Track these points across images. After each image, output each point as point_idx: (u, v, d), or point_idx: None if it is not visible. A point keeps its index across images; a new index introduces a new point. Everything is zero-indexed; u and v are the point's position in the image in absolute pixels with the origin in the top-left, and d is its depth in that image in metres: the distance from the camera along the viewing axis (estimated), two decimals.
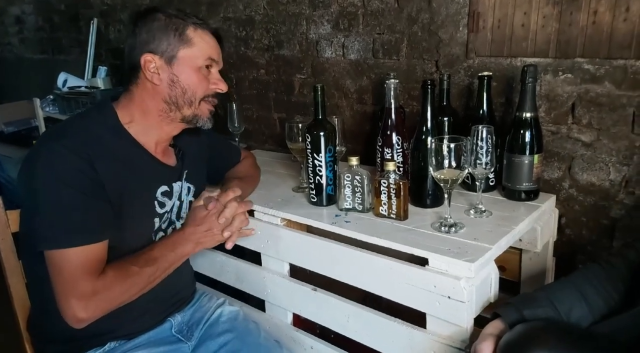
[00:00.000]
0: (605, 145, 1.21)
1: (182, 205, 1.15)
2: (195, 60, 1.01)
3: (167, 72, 1.00)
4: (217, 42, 1.07)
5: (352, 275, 1.12)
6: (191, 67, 1.01)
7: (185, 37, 1.00)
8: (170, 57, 1.00)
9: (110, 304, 0.93)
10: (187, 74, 1.01)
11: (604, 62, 1.16)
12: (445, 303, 0.95)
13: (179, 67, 1.01)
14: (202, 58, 1.02)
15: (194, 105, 1.04)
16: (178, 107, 1.03)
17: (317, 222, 1.18)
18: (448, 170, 1.04)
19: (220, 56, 1.07)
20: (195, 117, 1.06)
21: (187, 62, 1.01)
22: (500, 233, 1.04)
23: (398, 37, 1.54)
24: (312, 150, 1.23)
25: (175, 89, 1.01)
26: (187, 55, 1.01)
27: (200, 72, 1.03)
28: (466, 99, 1.43)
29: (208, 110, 1.07)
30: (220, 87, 1.07)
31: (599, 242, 1.26)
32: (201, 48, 1.02)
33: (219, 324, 1.17)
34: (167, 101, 1.02)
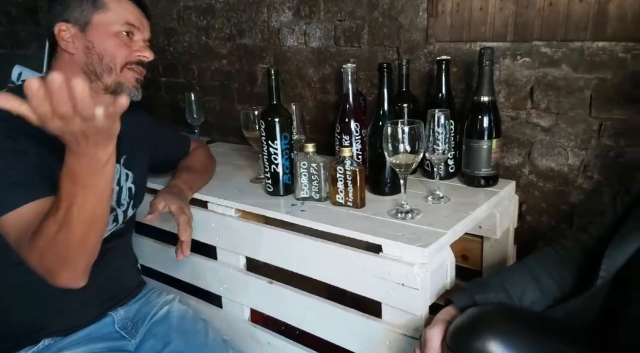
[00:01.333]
0: (563, 130, 1.19)
1: (122, 191, 1.08)
2: (111, 25, 0.97)
3: (81, 40, 0.95)
4: (140, 9, 1.02)
5: (309, 266, 1.08)
6: (107, 32, 0.97)
7: (99, 2, 0.96)
8: (84, 24, 0.95)
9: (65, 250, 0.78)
10: (102, 39, 0.96)
11: (560, 44, 1.15)
12: (399, 290, 0.92)
13: (94, 33, 0.96)
14: (118, 23, 0.97)
15: (115, 71, 0.98)
16: (97, 75, 0.97)
17: (272, 212, 1.14)
18: (403, 155, 1.00)
19: (143, 23, 1.02)
20: (119, 85, 0.99)
21: (102, 27, 0.96)
22: (457, 219, 1.01)
23: (359, 23, 1.50)
24: (266, 137, 1.18)
25: (92, 56, 0.96)
26: (101, 20, 0.96)
27: (118, 38, 0.98)
28: (427, 86, 1.40)
29: (134, 78, 1.01)
30: (145, 54, 1.01)
31: (559, 228, 1.25)
32: (117, 12, 0.97)
33: (165, 322, 1.11)
34: (85, 71, 0.96)
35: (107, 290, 1.09)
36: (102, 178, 0.75)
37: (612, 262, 0.73)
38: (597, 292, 0.75)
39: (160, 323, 1.11)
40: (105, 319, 1.06)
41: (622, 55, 1.08)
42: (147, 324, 1.11)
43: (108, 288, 1.09)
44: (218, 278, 1.27)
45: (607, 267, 0.73)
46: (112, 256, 1.09)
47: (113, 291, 1.11)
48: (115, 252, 1.11)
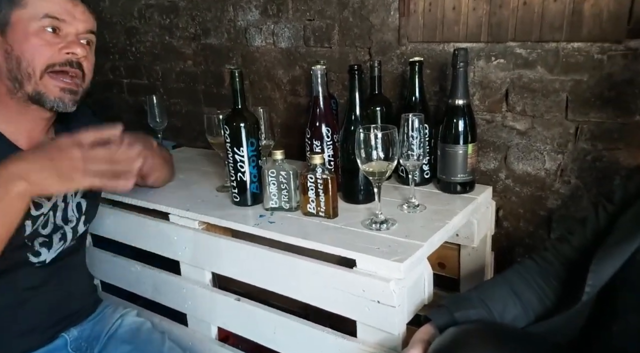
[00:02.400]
0: (539, 133, 1.16)
1: (68, 208, 0.99)
2: (30, 22, 0.83)
3: (1, 44, 0.84)
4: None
5: (279, 282, 1.01)
6: (25, 31, 0.83)
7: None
8: (4, 25, 0.84)
9: None
10: (20, 40, 0.84)
11: (535, 45, 1.11)
12: (375, 308, 0.86)
13: (13, 34, 0.84)
14: (37, 17, 0.83)
15: (35, 78, 0.85)
16: (19, 83, 0.85)
17: (238, 224, 1.06)
18: (377, 162, 0.95)
19: (74, 13, 0.86)
20: (40, 95, 0.86)
21: (20, 26, 0.83)
22: (433, 229, 0.96)
23: (329, 23, 1.44)
24: (232, 144, 1.10)
25: (11, 61, 0.84)
26: (19, 18, 0.83)
27: (38, 37, 0.84)
28: (400, 88, 1.35)
29: (57, 88, 0.87)
30: (72, 49, 0.85)
31: (537, 233, 1.22)
32: (36, 6, 0.83)
33: (119, 335, 1.03)
34: (8, 78, 0.85)
35: (59, 310, 1.00)
36: None
37: (598, 277, 0.69)
38: (582, 307, 0.71)
39: (113, 337, 1.03)
40: (56, 342, 0.98)
41: (598, 56, 1.05)
42: (103, 341, 1.02)
43: (59, 308, 1.00)
44: (182, 294, 1.19)
45: (593, 282, 0.69)
46: (64, 275, 1.01)
47: (65, 311, 1.02)
48: (67, 270, 1.02)
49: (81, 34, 0.88)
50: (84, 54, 0.87)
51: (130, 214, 1.23)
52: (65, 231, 0.98)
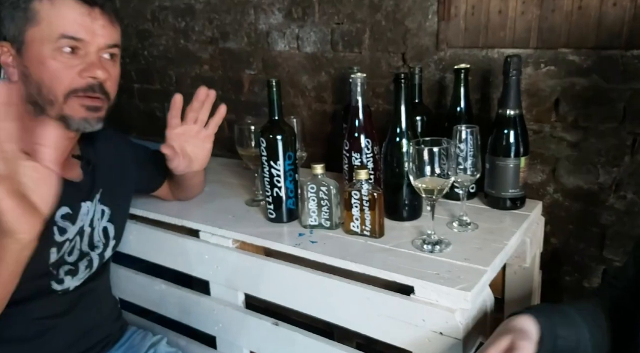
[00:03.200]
0: (592, 145, 1.09)
1: (94, 232, 0.91)
2: (44, 43, 0.74)
3: (19, 64, 0.76)
4: (89, 8, 0.76)
5: (321, 307, 0.94)
6: (40, 54, 0.74)
7: (30, 13, 0.73)
8: (19, 44, 0.75)
9: None
10: (38, 63, 0.75)
11: (591, 52, 1.05)
12: (437, 340, 0.79)
13: (29, 55, 0.75)
14: (52, 39, 0.74)
15: (57, 104, 0.77)
16: (41, 108, 0.77)
17: (278, 244, 0.99)
18: (431, 179, 0.88)
19: (94, 28, 0.77)
20: (66, 120, 0.79)
21: (35, 47, 0.74)
22: (493, 251, 0.89)
23: (359, 27, 1.37)
24: (268, 157, 1.03)
25: (30, 86, 0.76)
26: (34, 37, 0.74)
27: (56, 59, 0.75)
28: (437, 96, 1.29)
29: (83, 108, 0.79)
30: (92, 73, 0.77)
31: (588, 251, 1.15)
32: (51, 24, 0.74)
33: None
34: (29, 101, 0.77)
35: (84, 340, 0.93)
36: None
37: None
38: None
39: None
40: None
41: None
42: None
43: (85, 337, 0.93)
44: (212, 316, 1.11)
45: None
46: (88, 301, 0.93)
47: (91, 340, 0.95)
48: (91, 297, 0.95)
49: (103, 50, 0.79)
50: (106, 77, 0.79)
51: (155, 230, 1.16)
52: (92, 257, 0.90)
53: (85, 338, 0.94)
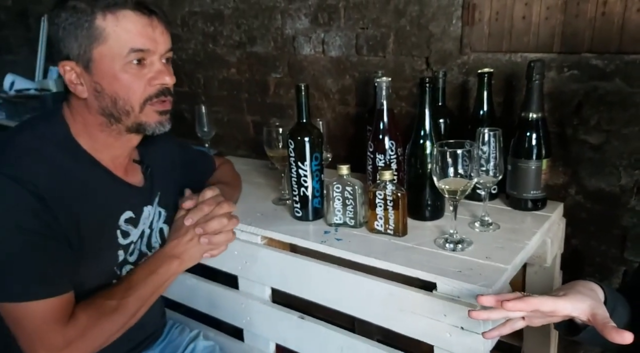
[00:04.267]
0: (615, 148, 1.11)
1: (153, 234, 0.96)
2: (115, 59, 0.77)
3: (89, 82, 0.79)
4: (147, 17, 0.79)
5: (345, 301, 0.98)
6: (112, 70, 0.78)
7: (95, 31, 0.76)
8: (87, 61, 0.77)
9: (90, 348, 0.80)
10: (109, 79, 0.78)
11: (614, 57, 1.06)
12: (457, 334, 0.82)
13: (99, 71, 0.78)
14: (122, 54, 0.77)
15: (134, 113, 0.82)
16: (116, 119, 0.82)
17: (304, 241, 1.03)
18: (454, 180, 0.91)
19: (156, 37, 0.80)
20: (142, 126, 0.84)
21: (105, 64, 0.77)
22: (514, 250, 0.92)
23: (384, 31, 1.41)
24: (296, 158, 1.08)
25: (104, 100, 0.80)
26: (102, 54, 0.77)
27: (127, 72, 0.78)
28: (460, 99, 1.31)
29: (157, 113, 0.84)
30: (163, 81, 0.82)
31: (609, 252, 1.17)
32: (119, 40, 0.77)
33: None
34: (102, 114, 0.82)
35: (133, 338, 0.98)
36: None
37: None
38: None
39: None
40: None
41: None
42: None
43: (133, 336, 0.97)
44: (240, 310, 1.16)
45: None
46: None
47: (141, 335, 1.01)
48: None
49: (164, 56, 0.83)
50: (173, 81, 0.84)
51: None
52: None
53: (137, 335, 0.99)
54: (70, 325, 0.76)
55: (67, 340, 0.76)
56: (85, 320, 0.78)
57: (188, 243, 0.91)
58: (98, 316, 0.80)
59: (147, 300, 0.87)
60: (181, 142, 1.16)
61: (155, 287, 0.88)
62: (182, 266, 0.92)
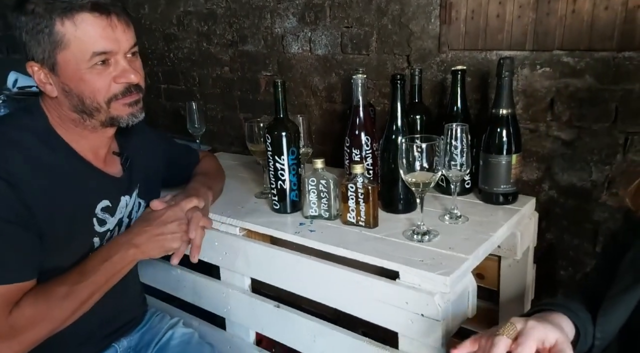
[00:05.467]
0: (586, 144, 1.13)
1: (131, 223, 1.00)
2: (79, 63, 0.80)
3: (57, 81, 0.82)
4: (107, 19, 0.80)
5: (318, 291, 1.02)
6: (76, 71, 0.80)
7: (56, 37, 0.78)
8: (52, 65, 0.80)
9: (38, 335, 0.80)
10: (75, 81, 0.81)
11: (584, 54, 1.09)
12: (419, 321, 0.86)
13: (65, 73, 0.81)
14: (85, 58, 0.79)
15: (103, 110, 0.85)
16: (88, 115, 0.86)
17: (279, 232, 1.07)
18: (420, 173, 0.94)
19: (117, 37, 0.81)
20: (115, 119, 0.88)
21: (69, 67, 0.80)
22: (478, 241, 0.95)
23: (367, 30, 1.44)
24: (273, 152, 1.11)
25: (73, 99, 0.84)
26: (66, 59, 0.79)
27: (92, 73, 0.81)
28: (439, 96, 1.34)
29: (126, 106, 0.86)
30: (128, 78, 0.83)
31: (581, 246, 1.19)
32: (81, 45, 0.78)
33: (170, 348, 1.05)
34: (75, 111, 0.86)
35: (111, 323, 1.03)
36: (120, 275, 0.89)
37: (605, 328, 0.67)
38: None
39: (164, 350, 1.05)
40: (107, 351, 1.01)
41: None
42: (152, 351, 1.04)
43: (112, 321, 1.02)
44: (221, 299, 1.20)
45: (601, 335, 0.68)
46: (118, 289, 1.02)
47: (119, 322, 1.05)
48: (123, 283, 1.03)
49: (128, 53, 0.85)
50: (139, 79, 0.86)
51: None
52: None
53: (115, 320, 1.03)
54: (15, 311, 0.77)
55: (12, 326, 0.76)
56: (31, 308, 0.78)
57: (154, 237, 0.88)
58: (46, 302, 0.80)
59: (101, 287, 0.86)
60: (165, 135, 1.20)
61: (110, 274, 0.86)
62: (137, 255, 0.89)
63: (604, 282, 0.76)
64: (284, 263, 1.06)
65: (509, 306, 1.20)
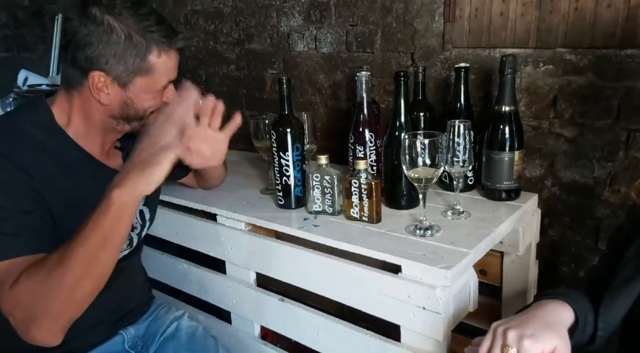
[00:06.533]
0: (588, 141, 1.14)
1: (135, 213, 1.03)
2: (154, 86, 0.89)
3: (119, 94, 0.87)
4: (179, 54, 0.92)
5: (322, 285, 1.03)
6: (147, 92, 0.89)
7: (146, 65, 0.85)
8: (125, 82, 0.86)
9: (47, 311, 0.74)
10: (142, 98, 0.89)
11: (586, 51, 1.09)
12: (420, 314, 0.87)
13: (135, 92, 0.87)
14: (161, 84, 0.89)
15: (145, 119, 0.92)
16: (128, 121, 0.92)
17: (284, 227, 1.09)
18: (422, 169, 0.95)
19: (176, 67, 0.93)
20: (142, 126, 0.93)
21: (144, 88, 0.88)
22: (479, 237, 0.96)
23: (372, 28, 1.45)
24: (278, 148, 1.13)
25: (128, 110, 0.90)
26: (146, 81, 0.87)
27: (157, 93, 0.91)
28: (443, 94, 1.35)
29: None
30: (169, 97, 0.93)
31: (584, 243, 1.19)
32: (162, 73, 0.88)
33: (174, 339, 1.07)
34: (115, 117, 0.91)
35: (118, 310, 1.05)
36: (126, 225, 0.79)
37: (608, 321, 0.68)
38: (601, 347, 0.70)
39: (169, 341, 1.07)
40: (115, 338, 1.03)
41: None
42: (157, 342, 1.07)
43: (119, 308, 1.05)
44: (227, 293, 1.22)
45: (604, 326, 0.68)
46: (124, 277, 1.05)
47: (123, 310, 1.07)
48: (128, 270, 1.07)
49: None
50: None
51: (179, 214, 1.28)
52: (132, 237, 1.02)
53: (120, 308, 1.05)
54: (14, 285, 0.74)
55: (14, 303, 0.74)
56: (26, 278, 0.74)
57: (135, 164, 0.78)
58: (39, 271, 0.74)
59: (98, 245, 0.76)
60: None
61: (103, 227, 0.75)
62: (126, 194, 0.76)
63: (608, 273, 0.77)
64: (289, 258, 1.08)
65: (512, 302, 1.21)
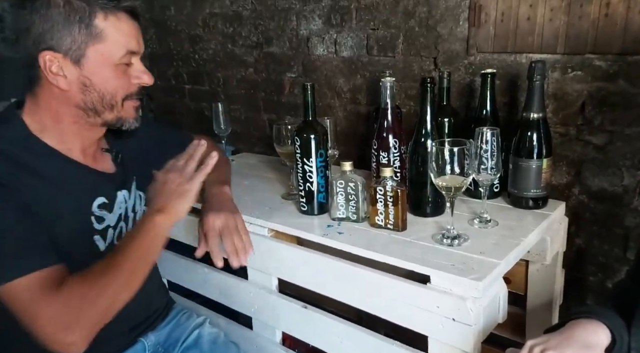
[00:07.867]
0: (618, 148, 1.11)
1: (137, 216, 1.01)
2: (111, 58, 0.82)
3: (75, 75, 0.81)
4: (136, 22, 0.85)
5: (345, 292, 1.02)
6: (106, 66, 0.82)
7: (94, 30, 0.79)
8: (78, 57, 0.80)
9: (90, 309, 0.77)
10: (102, 75, 0.82)
11: (617, 58, 1.07)
12: (450, 325, 0.86)
13: (91, 67, 0.81)
14: (119, 53, 0.82)
15: (117, 108, 0.87)
16: (97, 112, 0.87)
17: (307, 233, 1.08)
18: (450, 177, 0.94)
19: (140, 41, 0.86)
20: (120, 120, 0.89)
21: (100, 60, 0.81)
22: (509, 246, 0.95)
23: (394, 32, 1.44)
24: (301, 154, 1.13)
25: (90, 94, 0.84)
26: (98, 52, 0.81)
27: (118, 70, 0.84)
28: (467, 99, 1.34)
29: (134, 109, 0.90)
30: (144, 80, 0.88)
31: (612, 252, 1.17)
32: (116, 40, 0.81)
33: (197, 347, 1.06)
34: (82, 107, 0.86)
35: (137, 315, 1.04)
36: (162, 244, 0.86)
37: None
38: None
39: (191, 349, 1.07)
40: (135, 346, 1.02)
41: None
42: (179, 350, 1.06)
43: (137, 313, 1.03)
44: (249, 299, 1.22)
45: (637, 345, 0.67)
46: None
47: (142, 315, 1.06)
48: None
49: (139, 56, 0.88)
50: (152, 81, 0.89)
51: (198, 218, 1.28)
52: None
53: (139, 313, 1.04)
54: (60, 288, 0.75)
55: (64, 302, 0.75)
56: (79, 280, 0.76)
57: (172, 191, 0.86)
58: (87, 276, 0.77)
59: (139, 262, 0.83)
60: (149, 119, 1.19)
61: (143, 248, 0.83)
62: (164, 219, 0.84)
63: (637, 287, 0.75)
64: (312, 264, 1.07)
65: (537, 311, 1.19)
